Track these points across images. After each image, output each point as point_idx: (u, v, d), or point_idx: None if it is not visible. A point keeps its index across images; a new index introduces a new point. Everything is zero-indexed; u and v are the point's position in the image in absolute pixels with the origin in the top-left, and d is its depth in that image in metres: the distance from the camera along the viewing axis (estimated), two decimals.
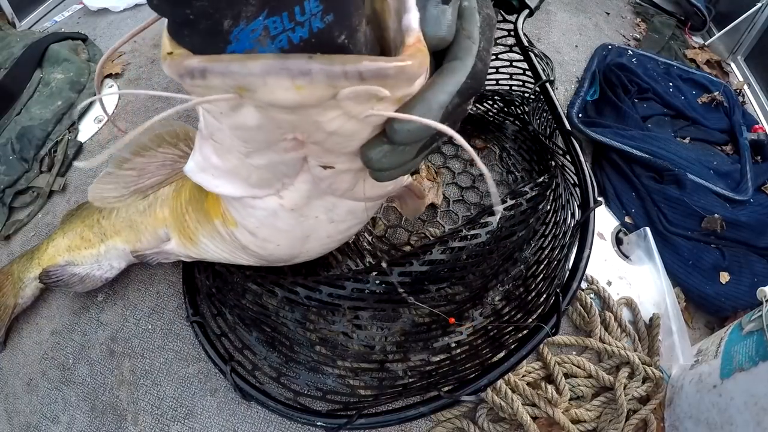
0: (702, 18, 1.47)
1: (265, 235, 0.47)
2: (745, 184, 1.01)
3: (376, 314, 0.63)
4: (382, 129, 0.31)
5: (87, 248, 0.70)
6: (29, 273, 0.74)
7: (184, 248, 0.59)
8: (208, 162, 0.39)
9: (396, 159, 0.32)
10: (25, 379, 0.74)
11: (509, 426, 0.68)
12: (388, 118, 0.29)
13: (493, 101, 0.92)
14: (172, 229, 0.60)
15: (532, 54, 0.75)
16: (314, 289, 0.56)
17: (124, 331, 0.75)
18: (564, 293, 0.53)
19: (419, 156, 0.35)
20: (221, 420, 0.67)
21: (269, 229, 0.46)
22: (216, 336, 0.63)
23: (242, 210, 0.45)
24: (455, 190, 0.90)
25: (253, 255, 0.52)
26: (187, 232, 0.57)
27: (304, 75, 0.23)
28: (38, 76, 1.06)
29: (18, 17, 1.30)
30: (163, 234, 0.62)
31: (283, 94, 0.24)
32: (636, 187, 0.98)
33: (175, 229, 0.59)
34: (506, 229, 0.60)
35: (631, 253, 0.90)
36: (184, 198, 0.57)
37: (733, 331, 0.67)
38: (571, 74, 1.22)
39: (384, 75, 0.25)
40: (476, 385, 0.50)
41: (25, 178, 0.92)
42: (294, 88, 0.24)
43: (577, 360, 0.73)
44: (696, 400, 0.67)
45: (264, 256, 0.51)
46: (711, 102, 1.20)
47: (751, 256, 0.91)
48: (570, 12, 1.42)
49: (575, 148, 0.63)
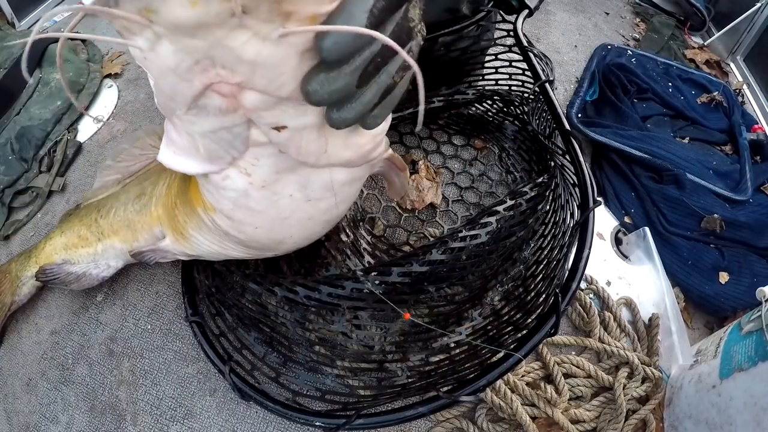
0: (701, 18, 1.47)
1: (241, 217, 0.46)
2: (744, 184, 1.01)
3: (376, 314, 0.63)
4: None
5: (84, 247, 0.70)
6: (27, 271, 0.74)
7: (178, 245, 0.59)
8: (169, 138, 0.40)
9: (337, 85, 0.30)
10: (24, 379, 0.74)
11: (508, 426, 0.68)
12: (316, 38, 0.28)
13: (492, 101, 0.92)
14: (166, 226, 0.60)
15: (532, 54, 0.75)
16: (314, 288, 0.56)
17: (124, 331, 0.75)
18: (563, 293, 0.53)
19: (371, 90, 0.32)
20: (220, 420, 0.67)
21: (243, 211, 0.45)
22: (215, 336, 0.63)
23: (215, 193, 0.44)
24: (454, 190, 0.90)
25: (238, 242, 0.52)
26: (178, 227, 0.57)
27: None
28: (38, 76, 1.06)
29: (17, 17, 1.29)
30: (159, 232, 0.62)
31: (182, 11, 0.25)
32: (635, 187, 0.98)
33: (169, 226, 0.59)
34: (506, 229, 0.60)
35: (631, 253, 0.90)
36: (173, 192, 0.58)
37: (733, 331, 0.67)
38: (570, 74, 1.22)
39: None
40: (475, 385, 0.50)
41: (25, 178, 0.92)
42: (189, 4, 0.25)
43: (576, 360, 0.73)
44: (695, 400, 0.67)
45: (246, 241, 0.51)
46: (710, 102, 1.20)
47: (750, 256, 0.91)
48: (569, 12, 1.42)
49: (574, 149, 0.63)
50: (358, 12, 0.28)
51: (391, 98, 0.35)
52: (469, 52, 0.89)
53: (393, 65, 0.33)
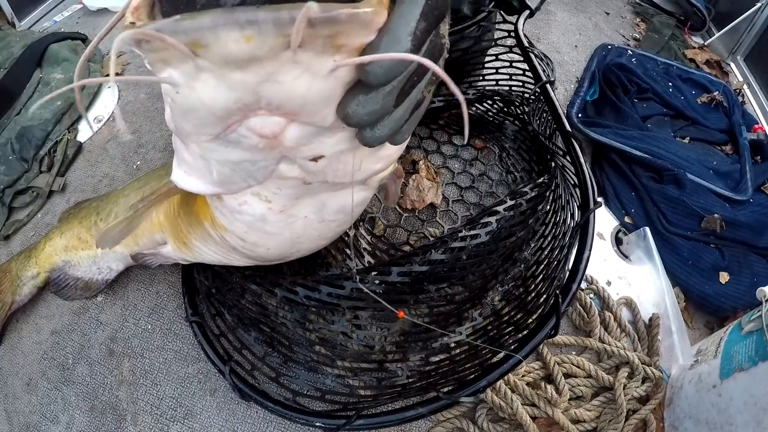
0: (702, 18, 1.47)
1: (255, 239, 0.46)
2: (744, 184, 1.01)
3: (376, 314, 0.63)
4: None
5: (84, 249, 0.70)
6: (27, 271, 0.74)
7: (180, 252, 0.59)
8: (180, 158, 0.39)
9: (377, 106, 0.30)
10: (24, 379, 0.74)
11: (509, 426, 0.68)
12: (359, 66, 0.28)
13: (492, 101, 0.92)
14: (168, 233, 0.60)
15: (532, 54, 0.75)
16: (314, 288, 0.56)
17: (124, 331, 0.75)
18: (564, 294, 0.53)
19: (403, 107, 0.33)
20: (220, 420, 0.67)
21: (258, 234, 0.45)
22: (215, 336, 0.63)
23: (229, 215, 0.44)
24: (455, 190, 0.90)
25: (245, 257, 0.52)
26: (180, 236, 0.57)
27: (252, 24, 0.23)
28: (38, 76, 1.06)
29: (18, 17, 1.30)
30: (160, 238, 0.62)
31: (235, 46, 0.24)
32: (636, 187, 0.98)
33: (170, 234, 0.59)
34: (506, 229, 0.60)
35: (631, 253, 0.90)
36: (176, 201, 0.57)
37: (733, 331, 0.67)
38: (570, 74, 1.22)
39: (335, 21, 0.24)
40: (475, 386, 0.50)
41: (25, 178, 0.92)
42: (244, 40, 0.24)
43: (576, 360, 0.73)
44: (695, 400, 0.67)
45: (255, 258, 0.51)
46: (710, 102, 1.20)
47: (750, 256, 0.91)
48: (570, 12, 1.42)
49: (575, 149, 0.63)
50: (403, 36, 0.28)
51: (418, 112, 0.35)
52: (470, 53, 0.89)
53: (425, 82, 0.33)
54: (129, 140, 0.98)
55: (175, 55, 0.26)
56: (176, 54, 0.25)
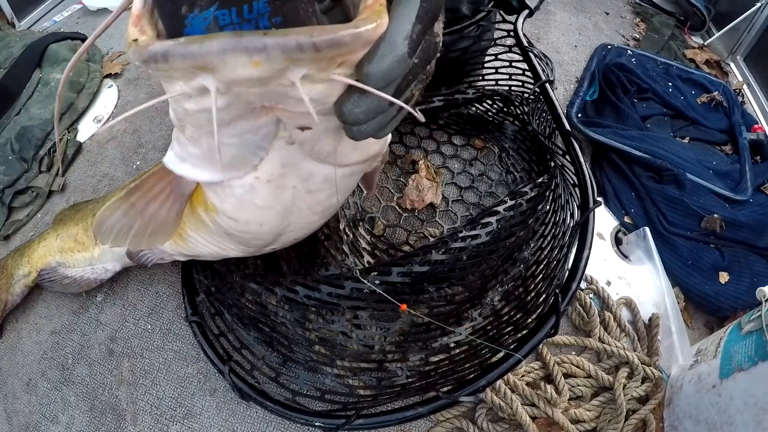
0: (701, 18, 1.47)
1: (246, 217, 0.46)
2: (744, 184, 1.01)
3: (375, 314, 0.63)
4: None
5: (81, 251, 0.70)
6: (19, 270, 0.74)
7: (175, 245, 0.59)
8: (186, 151, 0.39)
9: (372, 105, 0.32)
10: (24, 379, 0.74)
11: (508, 426, 0.68)
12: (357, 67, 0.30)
13: (492, 101, 0.92)
14: None
15: (532, 54, 0.75)
16: (313, 288, 0.56)
17: (124, 331, 0.75)
18: (563, 294, 0.53)
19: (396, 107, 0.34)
20: (220, 420, 0.67)
21: (249, 209, 0.45)
22: (215, 336, 0.63)
23: (221, 192, 0.44)
24: (454, 189, 0.90)
25: (239, 242, 0.52)
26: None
27: (260, 51, 0.24)
28: (37, 76, 1.06)
29: (17, 17, 1.30)
30: None
31: (243, 71, 0.25)
32: (635, 187, 0.98)
33: None
34: (506, 229, 0.60)
35: (631, 253, 0.90)
36: None
37: (733, 331, 0.67)
38: (570, 74, 1.22)
39: (339, 44, 0.25)
40: (475, 385, 0.50)
41: (25, 178, 0.92)
42: (252, 65, 0.25)
43: (576, 360, 0.73)
44: (695, 400, 0.67)
45: (249, 240, 0.51)
46: (710, 102, 1.20)
47: (750, 256, 0.91)
48: (569, 12, 1.42)
49: (575, 149, 0.63)
50: (399, 40, 0.30)
51: (403, 111, 0.36)
52: (470, 52, 0.89)
53: (417, 81, 0.34)
54: (129, 140, 0.98)
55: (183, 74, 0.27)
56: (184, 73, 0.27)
